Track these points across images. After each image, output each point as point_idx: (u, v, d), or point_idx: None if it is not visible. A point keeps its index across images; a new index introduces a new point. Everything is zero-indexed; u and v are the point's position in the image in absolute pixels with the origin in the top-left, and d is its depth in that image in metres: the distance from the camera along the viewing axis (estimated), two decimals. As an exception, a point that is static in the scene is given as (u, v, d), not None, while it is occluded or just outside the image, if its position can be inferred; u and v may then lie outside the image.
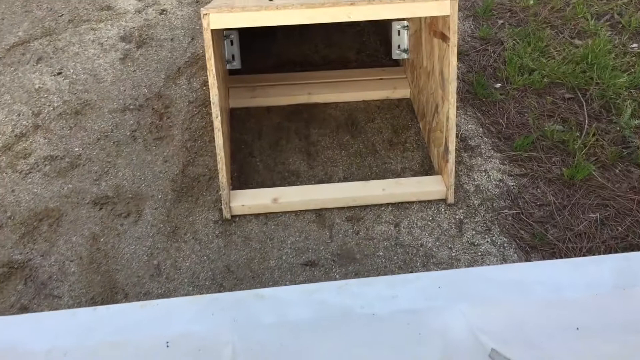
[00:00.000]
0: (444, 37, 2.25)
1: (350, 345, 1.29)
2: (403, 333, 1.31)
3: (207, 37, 2.10)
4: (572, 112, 2.74)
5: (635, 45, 3.09)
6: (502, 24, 3.30)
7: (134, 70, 3.01)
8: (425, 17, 2.48)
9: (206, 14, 2.08)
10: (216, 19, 2.09)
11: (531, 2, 3.41)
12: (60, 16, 3.36)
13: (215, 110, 2.18)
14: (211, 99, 2.18)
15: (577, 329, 1.28)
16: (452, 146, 2.30)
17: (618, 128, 2.64)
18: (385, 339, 1.31)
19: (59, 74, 2.97)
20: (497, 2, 3.45)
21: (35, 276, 2.13)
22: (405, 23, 2.81)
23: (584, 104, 2.77)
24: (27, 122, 2.71)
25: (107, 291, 2.09)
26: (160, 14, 3.40)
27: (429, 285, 1.43)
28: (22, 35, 3.22)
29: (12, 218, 2.32)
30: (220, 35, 2.63)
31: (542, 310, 1.34)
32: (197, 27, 3.29)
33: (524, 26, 3.24)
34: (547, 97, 2.82)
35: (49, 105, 2.80)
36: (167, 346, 1.32)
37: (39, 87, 2.89)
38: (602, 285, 1.39)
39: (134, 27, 3.29)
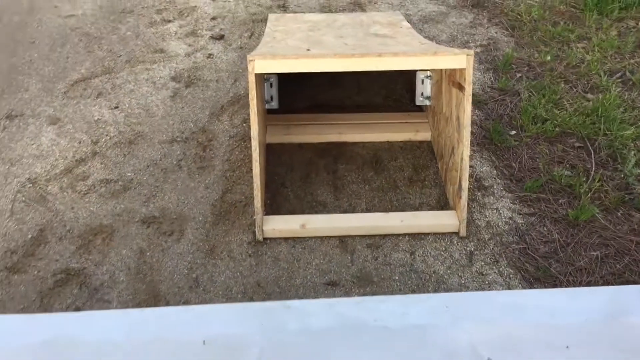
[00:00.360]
0: (461, 87, 2.52)
1: (363, 351, 1.52)
2: (410, 343, 1.53)
3: (251, 79, 2.41)
4: (581, 160, 2.97)
5: (644, 100, 3.32)
6: (520, 77, 3.56)
7: (182, 107, 3.35)
8: (445, 69, 2.76)
9: (252, 60, 2.39)
10: (260, 65, 2.40)
11: (548, 57, 3.68)
12: (119, 57, 3.74)
13: (255, 144, 2.47)
14: (252, 134, 2.47)
15: (567, 347, 1.47)
16: (465, 184, 2.54)
17: (622, 175, 2.86)
18: (394, 347, 1.53)
19: (116, 107, 3.33)
20: (517, 57, 3.73)
21: (89, 282, 2.42)
22: (428, 73, 3.10)
23: (592, 152, 3.00)
24: (87, 149, 3.05)
25: (151, 298, 2.36)
26: (207, 57, 3.76)
27: (437, 304, 1.65)
28: (85, 72, 3.60)
29: (70, 232, 2.62)
30: (261, 78, 2.94)
31: (536, 330, 1.55)
32: (240, 71, 3.64)
33: (540, 80, 3.50)
34: (558, 145, 3.06)
35: (106, 135, 3.14)
36: (204, 344, 1.57)
37: (98, 118, 3.25)
38: (594, 312, 1.60)
39: (183, 69, 3.65)
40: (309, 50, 2.72)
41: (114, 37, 3.94)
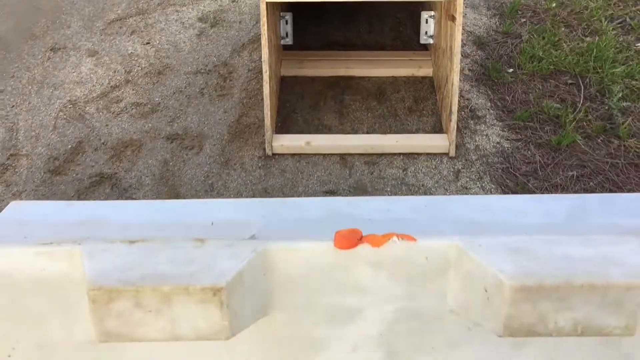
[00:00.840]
0: (453, 18, 2.77)
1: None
2: (391, 231, 1.81)
3: (263, 7, 2.71)
4: (570, 94, 3.19)
5: (639, 44, 3.50)
6: (524, 21, 3.77)
7: (207, 44, 3.67)
8: (443, 5, 3.00)
9: (263, -10, 2.69)
10: (270, -6, 2.69)
11: (554, 4, 3.87)
12: (152, 0, 4.08)
13: (265, 67, 2.78)
14: (262, 58, 2.78)
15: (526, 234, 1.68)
16: (454, 108, 2.80)
17: (607, 107, 3.07)
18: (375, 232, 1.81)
19: (147, 43, 3.67)
20: (524, 4, 3.92)
21: (119, 184, 2.78)
22: (432, 13, 3.34)
23: (582, 87, 3.21)
24: (120, 77, 3.41)
25: (172, 198, 2.71)
26: (232, 1, 4.07)
27: (417, 204, 1.93)
28: (121, 13, 3.95)
29: (105, 144, 2.99)
30: (277, 15, 3.23)
31: (503, 227, 1.81)
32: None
33: (543, 24, 3.70)
34: (551, 81, 3.28)
35: (138, 66, 3.49)
36: (212, 224, 1.88)
37: (131, 52, 3.60)
38: (557, 215, 1.86)
39: (210, 11, 3.96)
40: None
41: (148, -17, 4.27)
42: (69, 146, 2.97)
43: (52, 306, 1.48)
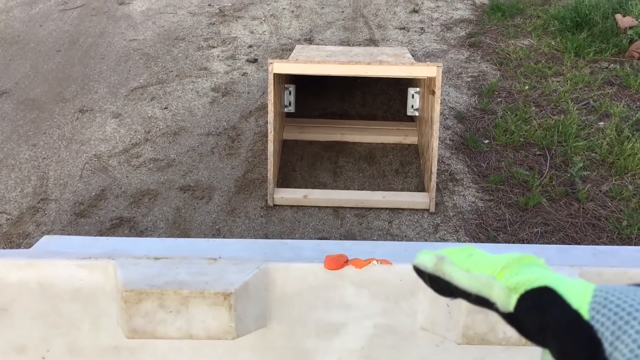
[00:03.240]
0: (433, 93, 3.23)
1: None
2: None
3: (270, 77, 3.17)
4: (538, 163, 3.61)
5: (602, 123, 3.96)
6: (499, 100, 4.25)
7: (218, 110, 4.13)
8: (426, 82, 3.48)
9: (271, 63, 3.16)
10: (277, 66, 3.16)
11: (526, 87, 4.37)
12: (170, 72, 4.58)
13: (270, 128, 3.21)
14: (268, 119, 3.21)
15: None
16: (434, 169, 3.21)
17: (569, 175, 3.48)
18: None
19: (166, 108, 4.13)
20: (500, 86, 4.42)
21: (136, 227, 3.14)
22: (417, 89, 3.82)
23: (549, 158, 3.64)
24: (140, 136, 3.84)
25: (183, 239, 3.06)
26: (242, 75, 4.57)
27: (398, 249, 2.30)
28: (142, 82, 4.44)
29: (125, 192, 3.38)
30: (282, 86, 3.71)
31: None
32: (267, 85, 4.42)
33: (516, 103, 4.18)
34: (521, 152, 3.72)
35: (156, 128, 3.93)
36: (219, 258, 2.22)
37: (151, 115, 4.05)
38: None
39: (222, 82, 4.45)
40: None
41: (168, 57, 4.79)
42: (93, 193, 3.35)
43: (84, 313, 1.80)
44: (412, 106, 3.86)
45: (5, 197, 3.30)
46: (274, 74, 3.16)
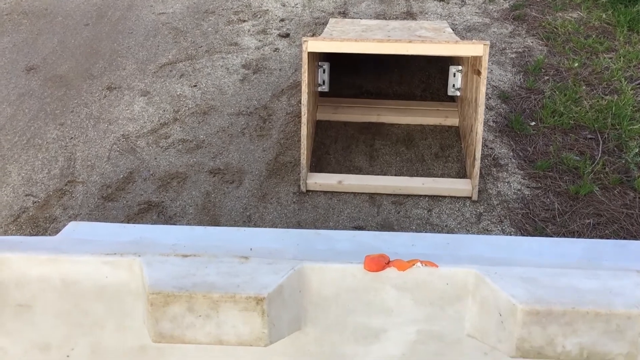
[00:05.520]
0: (478, 72, 3.01)
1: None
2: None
3: (305, 56, 2.98)
4: (589, 148, 3.37)
5: (658, 103, 3.69)
6: (547, 79, 4.00)
7: (249, 89, 3.96)
8: (470, 60, 3.25)
9: (306, 41, 2.97)
10: (312, 45, 2.97)
11: (576, 64, 4.09)
12: (200, 47, 4.42)
13: (304, 110, 3.03)
14: (302, 101, 3.04)
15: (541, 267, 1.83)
16: (478, 154, 3.01)
17: (624, 162, 3.24)
18: None
19: (195, 86, 3.98)
20: (547, 63, 4.16)
21: (165, 212, 3.03)
22: (459, 67, 3.59)
23: (601, 142, 3.40)
24: (169, 116, 3.70)
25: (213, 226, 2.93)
26: (274, 51, 4.39)
27: (440, 241, 2.12)
28: (171, 58, 4.29)
29: (153, 175, 3.26)
30: (314, 60, 3.51)
31: (519, 263, 1.97)
32: (300, 62, 4.23)
33: (565, 82, 3.92)
34: (571, 135, 3.48)
35: (185, 107, 3.79)
36: (251, 250, 2.08)
37: (180, 94, 3.90)
38: (572, 256, 2.02)
39: (253, 59, 4.28)
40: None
41: (197, 32, 4.63)
42: (121, 176, 3.24)
43: (109, 312, 1.67)
44: (454, 85, 3.64)
45: (32, 178, 3.21)
46: (309, 53, 2.98)
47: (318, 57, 3.54)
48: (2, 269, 1.65)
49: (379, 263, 1.73)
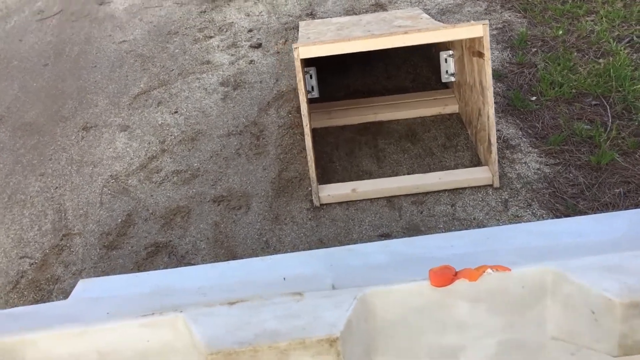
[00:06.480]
0: (480, 54, 2.87)
1: (401, 272, 1.79)
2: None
3: (298, 64, 2.80)
4: (598, 115, 3.27)
5: (652, 59, 3.62)
6: (535, 51, 3.89)
7: (233, 106, 3.76)
8: (466, 43, 3.11)
9: (296, 47, 2.78)
10: (304, 50, 2.79)
11: (560, 32, 4.01)
12: (171, 71, 4.19)
13: (305, 121, 2.85)
14: (302, 112, 2.85)
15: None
16: (493, 139, 2.87)
17: (637, 123, 3.15)
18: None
19: (176, 112, 3.75)
20: (531, 35, 4.06)
21: (175, 251, 2.80)
22: (450, 52, 3.46)
23: (608, 107, 3.30)
24: (156, 147, 3.47)
25: (231, 259, 2.73)
26: (249, 63, 4.18)
27: (478, 237, 1.97)
28: (144, 86, 4.05)
29: (153, 214, 3.03)
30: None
31: (565, 248, 1.84)
32: (280, 71, 4.04)
33: (554, 51, 3.83)
34: (576, 105, 3.37)
35: (171, 135, 3.56)
36: (284, 279, 1.89)
37: (162, 122, 3.67)
38: (617, 232, 1.89)
39: (229, 75, 4.07)
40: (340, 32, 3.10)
41: (165, 55, 4.39)
42: (119, 220, 3.00)
43: (154, 378, 1.47)
44: (447, 71, 3.50)
45: (23, 238, 2.95)
46: (301, 59, 2.79)
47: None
48: (28, 353, 1.43)
49: (446, 277, 1.56)
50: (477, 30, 2.77)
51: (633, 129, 3.12)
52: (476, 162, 3.12)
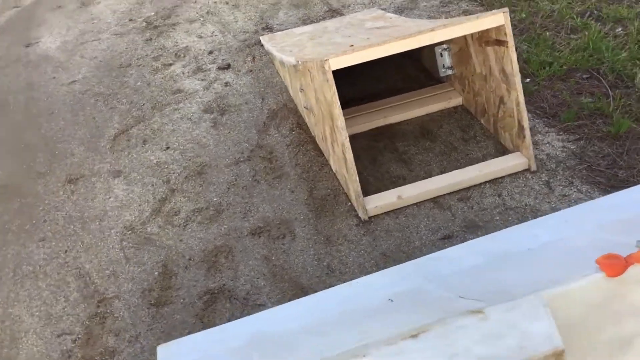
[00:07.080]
0: (500, 42, 2.88)
1: (515, 272, 1.73)
2: (553, 256, 1.77)
3: (330, 77, 2.67)
4: (596, 87, 3.41)
5: (619, 29, 3.82)
6: (508, 36, 3.99)
7: (228, 132, 3.54)
8: (474, 34, 3.12)
9: (326, 60, 2.65)
10: (335, 62, 2.66)
11: (524, 15, 4.14)
12: (142, 105, 3.87)
13: (344, 133, 2.72)
14: (339, 125, 2.72)
15: None
16: (526, 124, 2.90)
17: (636, 90, 3.31)
18: (542, 262, 1.76)
19: (167, 148, 3.47)
20: (497, 21, 4.16)
21: (235, 294, 2.57)
22: (445, 46, 3.45)
23: (602, 79, 3.44)
24: (163, 188, 3.18)
25: (299, 291, 2.54)
26: (225, 86, 3.97)
27: (557, 222, 1.96)
28: (119, 126, 3.71)
29: (192, 259, 2.76)
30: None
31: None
32: (263, 89, 3.86)
33: (528, 33, 3.95)
34: (570, 81, 3.49)
35: (174, 173, 3.28)
36: (391, 301, 1.77)
37: (157, 161, 3.38)
38: None
39: (209, 100, 3.83)
40: (352, 46, 3.00)
41: (127, 90, 4.06)
42: (156, 273, 2.71)
43: None
44: (444, 65, 3.50)
45: (51, 314, 2.58)
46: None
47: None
48: None
49: (617, 265, 1.54)
50: (499, 19, 2.78)
51: (635, 95, 3.28)
52: (501, 150, 3.14)
